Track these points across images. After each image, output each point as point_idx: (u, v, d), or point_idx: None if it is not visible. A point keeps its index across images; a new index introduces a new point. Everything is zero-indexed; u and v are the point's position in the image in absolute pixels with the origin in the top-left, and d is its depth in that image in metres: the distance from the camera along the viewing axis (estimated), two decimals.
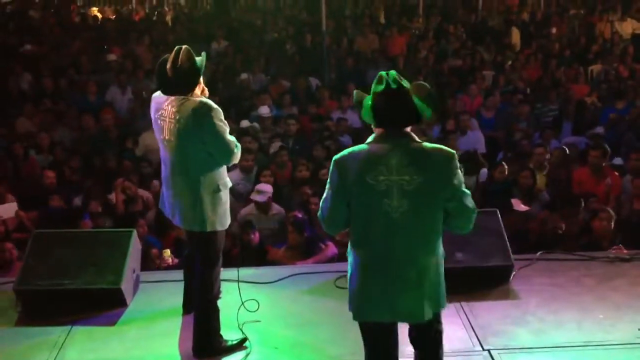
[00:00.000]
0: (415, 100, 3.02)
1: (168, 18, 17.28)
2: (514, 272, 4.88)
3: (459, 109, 9.55)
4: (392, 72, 3.08)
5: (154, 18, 17.20)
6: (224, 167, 3.98)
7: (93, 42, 13.13)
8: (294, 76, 11.48)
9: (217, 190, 3.92)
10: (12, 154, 8.05)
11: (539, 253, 5.26)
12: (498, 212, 5.09)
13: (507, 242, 4.87)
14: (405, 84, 3.06)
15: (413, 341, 3.26)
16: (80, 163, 7.86)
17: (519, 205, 6.52)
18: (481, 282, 4.76)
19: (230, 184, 4.06)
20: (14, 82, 10.44)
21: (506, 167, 7.33)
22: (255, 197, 6.61)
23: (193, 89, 3.88)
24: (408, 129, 3.07)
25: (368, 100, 3.10)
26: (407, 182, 2.95)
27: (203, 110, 3.77)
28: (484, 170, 7.51)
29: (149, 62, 11.70)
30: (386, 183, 2.96)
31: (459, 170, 3.05)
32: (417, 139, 3.06)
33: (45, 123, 9.05)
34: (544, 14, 15.75)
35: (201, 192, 3.86)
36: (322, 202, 3.16)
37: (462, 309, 4.52)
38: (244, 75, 11.15)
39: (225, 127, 3.83)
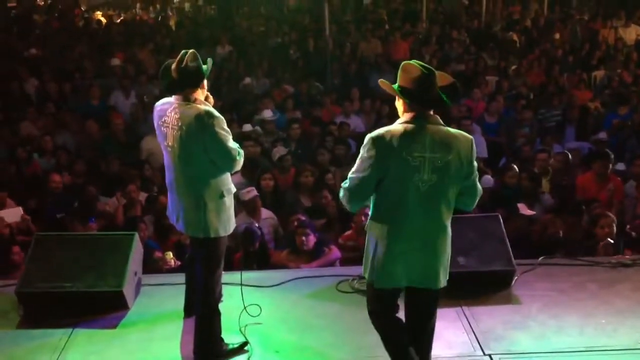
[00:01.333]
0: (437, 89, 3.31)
1: (172, 23, 17.33)
2: (515, 277, 4.88)
3: (461, 114, 9.54)
4: (418, 61, 3.35)
5: (159, 20, 17.24)
6: (228, 173, 3.99)
7: (97, 46, 13.16)
8: (297, 81, 11.49)
9: (222, 196, 3.93)
10: (15, 157, 8.07)
11: (540, 258, 5.25)
12: (500, 217, 5.09)
13: (509, 247, 4.86)
14: (435, 71, 3.33)
15: (413, 310, 3.53)
16: (84, 167, 7.87)
17: (525, 210, 6.52)
18: (483, 286, 4.76)
19: (234, 190, 4.08)
20: (18, 85, 10.46)
21: (517, 171, 7.32)
22: (246, 196, 6.57)
23: (195, 89, 3.89)
24: (432, 112, 3.35)
25: (396, 87, 3.37)
26: (439, 158, 3.25)
27: (205, 118, 3.78)
28: (487, 177, 7.50)
29: (152, 66, 11.73)
30: (419, 159, 3.25)
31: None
32: (442, 122, 3.34)
33: (48, 127, 9.07)
34: (547, 19, 15.75)
35: (205, 198, 3.88)
36: (352, 174, 3.37)
37: (464, 313, 4.52)
38: (247, 80, 11.16)
39: (227, 135, 3.84)
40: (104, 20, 17.45)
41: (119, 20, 17.72)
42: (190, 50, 3.89)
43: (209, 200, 3.88)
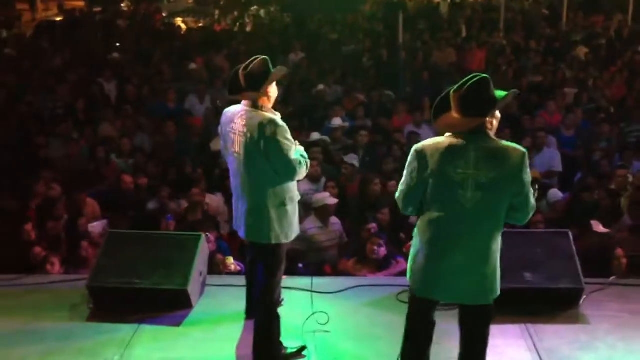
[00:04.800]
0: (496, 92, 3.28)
1: (248, 29, 17.66)
2: (584, 296, 4.73)
3: (536, 126, 9.31)
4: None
5: (235, 29, 17.60)
6: (290, 184, 4.00)
7: (176, 51, 13.54)
8: (369, 89, 11.48)
9: (283, 204, 3.97)
10: (94, 157, 8.38)
11: (612, 278, 5.07)
12: (570, 233, 4.94)
13: (579, 265, 4.71)
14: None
15: (463, 322, 3.48)
16: (159, 169, 8.08)
17: (599, 227, 6.32)
18: (549, 304, 4.65)
19: (298, 197, 4.10)
20: (100, 88, 10.87)
21: (594, 187, 7.12)
22: (329, 200, 6.61)
23: (256, 93, 3.91)
24: (487, 126, 3.30)
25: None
26: (483, 175, 3.19)
27: (268, 126, 3.84)
28: (554, 190, 7.30)
29: (227, 72, 11.96)
30: (462, 176, 3.21)
31: (529, 169, 3.28)
32: (492, 136, 3.28)
33: (126, 128, 9.39)
34: (631, 30, 15.18)
35: (268, 205, 3.94)
36: (401, 185, 3.43)
37: (528, 331, 4.42)
38: (320, 87, 11.23)
39: (289, 145, 3.87)
40: (183, 26, 17.95)
41: (197, 27, 18.17)
42: (261, 57, 3.96)
43: (272, 207, 3.93)
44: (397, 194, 3.47)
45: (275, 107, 4.11)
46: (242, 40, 14.88)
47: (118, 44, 13.73)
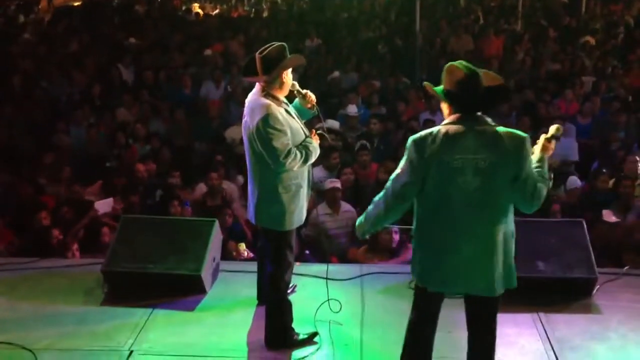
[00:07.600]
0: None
1: (265, 15, 17.60)
2: (597, 286, 4.70)
3: (553, 114, 9.23)
4: (462, 62, 3.30)
5: (252, 15, 17.56)
6: (291, 171, 3.93)
7: (192, 37, 13.54)
8: (385, 76, 11.43)
9: (275, 192, 3.93)
10: (113, 142, 8.43)
11: (625, 268, 5.04)
12: (584, 222, 4.91)
13: (592, 254, 4.69)
14: (479, 71, 3.25)
15: (468, 314, 3.40)
16: (170, 155, 8.10)
17: (610, 217, 6.29)
18: (562, 293, 4.63)
19: (304, 185, 4.04)
20: (117, 73, 10.91)
21: (608, 177, 7.06)
22: (328, 185, 6.54)
23: (267, 75, 3.86)
24: (480, 113, 3.25)
25: (439, 89, 3.33)
26: (482, 159, 3.14)
27: (257, 113, 3.83)
28: (573, 178, 7.25)
29: (242, 58, 11.95)
30: (462, 161, 3.16)
31: (530, 154, 3.23)
32: (491, 122, 3.24)
33: (142, 114, 9.43)
34: None
35: (264, 190, 3.97)
36: (395, 177, 3.31)
37: (540, 320, 4.41)
38: (335, 73, 11.19)
39: (275, 133, 3.79)
40: (200, 12, 17.93)
41: (214, 13, 18.15)
42: (279, 43, 3.94)
43: (272, 193, 3.94)
44: (388, 185, 3.33)
45: (291, 94, 4.11)
46: (259, 26, 14.85)
47: (134, 30, 13.76)
